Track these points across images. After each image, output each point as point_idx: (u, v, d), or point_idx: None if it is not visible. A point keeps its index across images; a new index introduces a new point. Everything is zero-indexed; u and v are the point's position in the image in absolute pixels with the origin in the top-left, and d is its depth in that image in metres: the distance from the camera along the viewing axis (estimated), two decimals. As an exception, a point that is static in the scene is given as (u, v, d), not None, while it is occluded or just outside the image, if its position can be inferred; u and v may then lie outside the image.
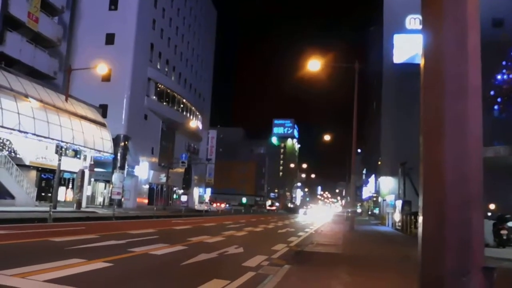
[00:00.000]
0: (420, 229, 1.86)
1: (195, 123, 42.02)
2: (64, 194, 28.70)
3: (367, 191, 48.60)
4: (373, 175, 44.24)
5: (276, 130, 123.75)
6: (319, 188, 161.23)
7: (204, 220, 22.32)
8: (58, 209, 19.60)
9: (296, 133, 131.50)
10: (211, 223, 19.05)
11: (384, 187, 34.97)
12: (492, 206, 28.64)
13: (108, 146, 24.23)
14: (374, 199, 44.60)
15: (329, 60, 18.29)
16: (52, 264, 5.52)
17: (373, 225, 24.60)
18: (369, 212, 46.94)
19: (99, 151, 23.23)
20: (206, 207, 39.22)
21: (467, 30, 1.91)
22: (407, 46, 42.01)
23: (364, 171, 48.12)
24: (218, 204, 49.84)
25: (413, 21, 43.34)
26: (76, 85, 27.35)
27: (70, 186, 29.02)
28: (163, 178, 35.48)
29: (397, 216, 20.02)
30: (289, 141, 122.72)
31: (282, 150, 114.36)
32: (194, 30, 49.40)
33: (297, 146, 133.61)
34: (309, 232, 16.19)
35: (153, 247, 8.21)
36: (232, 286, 5.08)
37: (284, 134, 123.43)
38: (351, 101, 20.18)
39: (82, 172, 23.69)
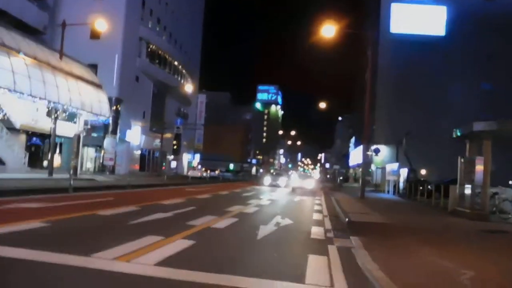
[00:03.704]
0: None
1: (187, 87, 40.48)
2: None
3: (355, 158, 49.83)
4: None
5: (260, 96, 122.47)
6: (299, 154, 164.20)
7: (212, 188, 22.10)
8: (54, 176, 18.59)
9: (280, 100, 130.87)
10: (223, 191, 18.84)
11: (378, 156, 35.87)
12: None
13: (106, 109, 22.93)
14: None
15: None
16: (135, 243, 5.02)
17: (371, 192, 25.32)
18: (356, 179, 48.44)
19: (97, 114, 21.96)
20: (199, 174, 38.90)
21: None
22: (406, 16, 41.37)
23: (353, 139, 49.00)
24: (209, 170, 49.58)
25: (411, -12, 42.27)
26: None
27: (58, 151, 27.61)
28: (157, 143, 34.53)
29: (402, 184, 20.75)
30: (273, 108, 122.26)
31: (265, 117, 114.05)
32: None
33: (280, 112, 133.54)
34: (322, 200, 16.51)
35: (206, 219, 7.92)
36: (333, 263, 4.92)
37: (268, 100, 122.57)
38: (339, 69, 19.66)
39: (78, 137, 22.46)
